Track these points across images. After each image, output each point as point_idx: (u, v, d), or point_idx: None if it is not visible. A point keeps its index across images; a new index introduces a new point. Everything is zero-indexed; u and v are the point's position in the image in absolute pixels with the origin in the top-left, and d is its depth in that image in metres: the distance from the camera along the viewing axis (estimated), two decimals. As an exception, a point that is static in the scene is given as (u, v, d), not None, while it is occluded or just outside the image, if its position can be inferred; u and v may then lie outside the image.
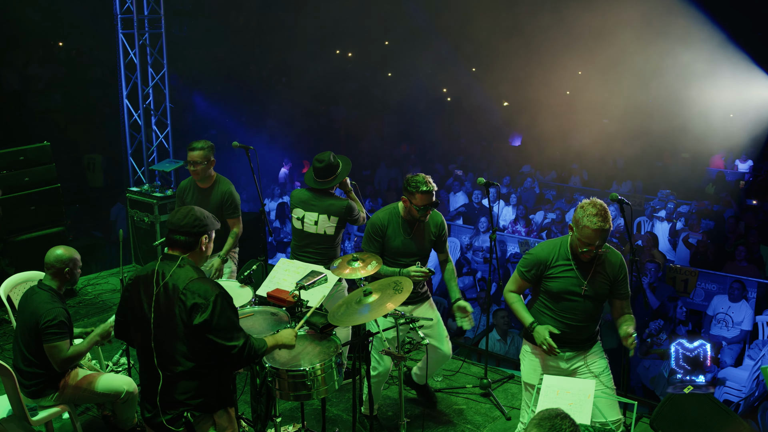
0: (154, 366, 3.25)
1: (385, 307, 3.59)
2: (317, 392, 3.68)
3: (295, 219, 5.49)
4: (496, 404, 5.34)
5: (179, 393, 3.24)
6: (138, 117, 8.95)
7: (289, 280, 4.43)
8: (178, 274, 3.24)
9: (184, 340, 3.19)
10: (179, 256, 3.31)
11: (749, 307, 8.36)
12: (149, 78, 8.86)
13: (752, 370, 7.55)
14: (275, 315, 4.25)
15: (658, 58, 15.11)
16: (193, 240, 3.33)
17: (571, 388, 3.50)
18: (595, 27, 14.37)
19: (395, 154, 17.06)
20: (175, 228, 3.32)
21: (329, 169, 5.35)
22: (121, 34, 8.75)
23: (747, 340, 8.25)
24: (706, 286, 9.17)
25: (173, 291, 3.20)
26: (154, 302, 3.24)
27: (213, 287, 3.22)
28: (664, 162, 15.19)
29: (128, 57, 8.78)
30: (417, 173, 4.64)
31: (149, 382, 3.32)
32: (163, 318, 3.22)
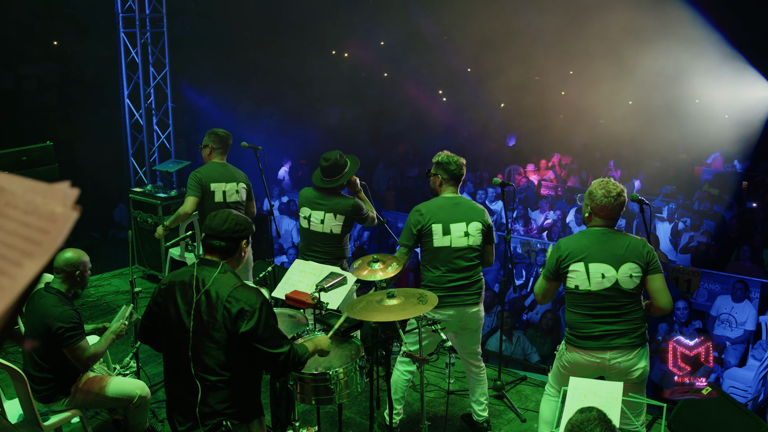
0: (191, 375, 3.13)
1: (405, 312, 3.53)
2: (339, 396, 3.63)
3: (302, 218, 5.44)
4: (510, 406, 5.30)
5: (216, 402, 3.14)
6: (140, 117, 8.88)
7: (306, 281, 4.37)
8: (220, 280, 3.13)
9: (225, 349, 3.10)
10: (219, 262, 3.20)
11: (752, 307, 8.37)
12: (151, 77, 8.79)
13: (758, 371, 7.55)
14: (293, 317, 4.19)
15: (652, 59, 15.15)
16: (233, 246, 3.22)
17: (599, 390, 3.46)
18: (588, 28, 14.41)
19: (393, 155, 17.04)
20: (215, 233, 3.20)
21: (336, 167, 5.30)
22: (123, 33, 8.68)
23: (750, 340, 8.26)
24: (709, 287, 9.17)
25: (216, 299, 3.09)
26: (194, 310, 3.12)
27: (258, 295, 3.13)
28: (662, 162, 15.22)
29: (129, 56, 8.71)
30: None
31: (183, 392, 3.19)
32: (204, 326, 3.11)
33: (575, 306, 3.99)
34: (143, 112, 8.85)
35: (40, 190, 1.02)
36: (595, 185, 3.96)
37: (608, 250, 3.89)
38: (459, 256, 4.56)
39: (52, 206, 1.00)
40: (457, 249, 4.54)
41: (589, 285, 3.89)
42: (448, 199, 4.65)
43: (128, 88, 8.89)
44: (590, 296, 3.92)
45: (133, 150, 9.07)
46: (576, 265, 3.91)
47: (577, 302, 3.97)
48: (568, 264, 3.93)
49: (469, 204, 4.71)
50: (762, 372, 7.45)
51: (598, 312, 3.92)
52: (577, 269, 3.90)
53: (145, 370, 5.57)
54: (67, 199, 1.01)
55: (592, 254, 3.89)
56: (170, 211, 7.78)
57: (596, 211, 3.94)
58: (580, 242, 3.97)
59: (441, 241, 4.54)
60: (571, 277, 3.94)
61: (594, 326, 3.93)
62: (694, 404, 4.56)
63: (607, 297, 3.89)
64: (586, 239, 3.96)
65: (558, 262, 3.96)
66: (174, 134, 9.02)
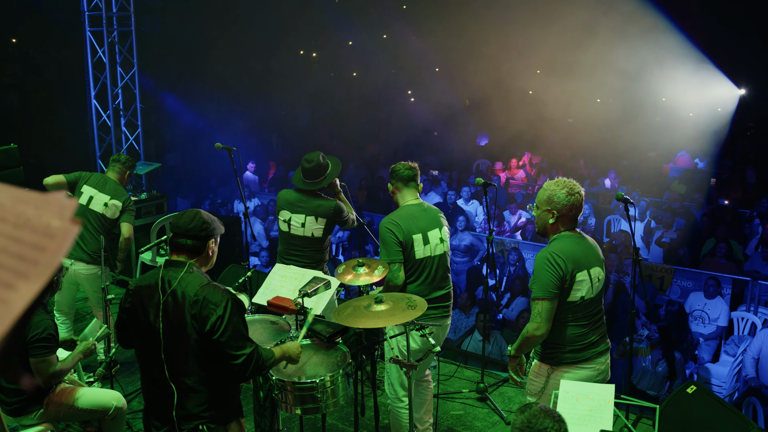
0: (165, 379, 3.06)
1: (394, 318, 3.43)
2: (325, 405, 3.53)
3: (282, 221, 5.30)
4: (494, 408, 5.25)
5: (194, 405, 3.06)
6: (107, 118, 8.63)
7: (287, 286, 4.26)
8: (187, 280, 3.05)
9: (197, 349, 3.02)
10: (186, 262, 3.12)
11: (725, 304, 8.45)
12: (118, 77, 8.56)
13: (732, 366, 7.62)
14: (275, 324, 4.07)
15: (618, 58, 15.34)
16: (200, 244, 3.14)
17: (590, 394, 3.41)
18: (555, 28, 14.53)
19: (364, 154, 16.94)
20: (182, 231, 3.13)
21: (318, 169, 5.18)
22: (89, 32, 8.43)
23: (723, 336, 8.34)
24: (682, 284, 9.25)
25: (183, 298, 3.01)
26: (162, 312, 3.04)
27: (225, 292, 3.05)
28: (630, 161, 15.36)
29: (96, 56, 8.46)
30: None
31: (159, 396, 3.12)
32: (174, 327, 3.03)
33: (576, 319, 3.62)
34: (111, 113, 8.61)
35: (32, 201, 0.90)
36: (552, 188, 3.61)
37: (592, 254, 3.67)
38: (438, 264, 4.35)
39: (47, 219, 0.88)
40: (436, 257, 4.33)
41: (592, 292, 3.63)
42: (416, 206, 4.40)
43: (95, 89, 8.64)
44: (590, 304, 3.65)
45: (101, 152, 8.82)
46: (581, 274, 3.56)
47: (578, 314, 3.62)
48: (575, 275, 3.54)
49: (433, 208, 4.51)
50: (736, 367, 7.53)
51: (594, 318, 3.70)
52: (583, 278, 3.57)
53: (118, 379, 5.40)
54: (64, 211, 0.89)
55: (588, 260, 3.62)
56: (140, 215, 7.58)
57: (564, 213, 3.60)
58: (575, 249, 3.59)
59: (423, 252, 4.29)
60: (578, 288, 3.57)
61: (591, 334, 3.68)
62: (680, 402, 4.53)
63: (598, 301, 3.71)
64: (574, 245, 3.61)
65: (564, 276, 3.51)
66: (143, 135, 8.79)
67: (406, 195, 4.45)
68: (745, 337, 8.04)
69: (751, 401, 6.92)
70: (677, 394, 4.59)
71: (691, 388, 4.57)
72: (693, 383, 4.64)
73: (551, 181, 3.69)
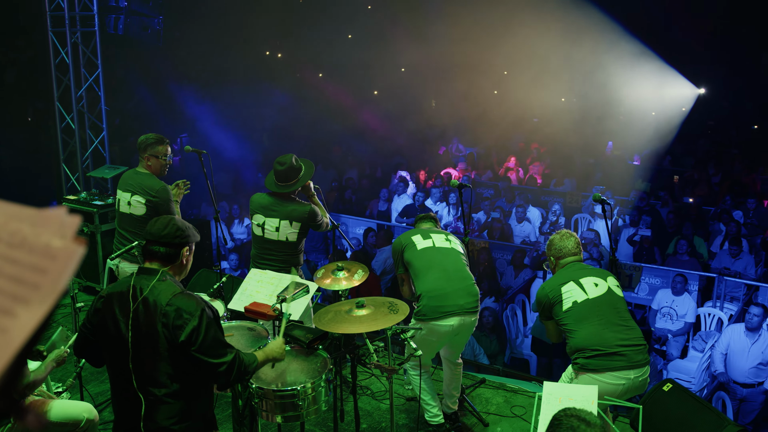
0: (133, 389, 2.97)
1: (377, 323, 3.39)
2: (307, 412, 3.47)
3: (255, 225, 5.23)
4: (472, 411, 5.23)
5: (164, 418, 2.96)
6: (71, 121, 8.42)
7: (263, 291, 4.18)
8: (159, 288, 2.97)
9: (168, 360, 2.93)
10: (159, 270, 3.03)
11: (692, 300, 8.58)
12: (82, 79, 8.35)
13: (701, 362, 7.74)
14: (252, 330, 4.00)
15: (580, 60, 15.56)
16: (174, 252, 3.07)
17: (574, 395, 3.41)
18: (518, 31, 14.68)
19: (331, 156, 16.87)
20: (155, 239, 3.05)
21: (291, 172, 5.11)
22: (51, 33, 8.21)
23: (690, 332, 8.47)
24: (650, 281, 9.38)
25: (155, 307, 2.93)
26: (132, 320, 2.95)
27: (199, 301, 2.98)
28: (596, 159, 15.55)
29: (59, 57, 8.25)
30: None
31: (127, 408, 3.02)
32: (144, 337, 2.94)
33: (581, 320, 3.90)
34: (75, 116, 8.40)
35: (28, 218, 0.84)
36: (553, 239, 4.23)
37: (589, 271, 4.07)
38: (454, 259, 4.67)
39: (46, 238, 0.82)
40: (444, 250, 4.65)
41: (587, 294, 3.90)
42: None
43: (58, 91, 8.43)
44: (593, 304, 3.91)
45: (65, 155, 8.60)
46: (566, 286, 3.96)
47: (581, 315, 3.90)
48: (559, 290, 3.97)
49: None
50: (705, 363, 7.65)
51: (606, 318, 3.88)
52: (570, 288, 3.94)
53: (87, 389, 5.26)
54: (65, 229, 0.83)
55: (578, 274, 4.02)
56: (107, 219, 7.41)
57: (558, 256, 4.18)
58: (561, 275, 4.08)
59: (423, 244, 4.62)
60: (567, 298, 3.94)
61: (608, 335, 3.83)
62: (656, 401, 4.57)
63: (608, 302, 3.91)
64: (564, 271, 4.10)
65: (548, 299, 4.01)
66: (108, 138, 8.59)
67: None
68: (712, 333, 8.17)
69: (720, 396, 7.04)
70: (654, 393, 4.62)
71: (667, 386, 4.61)
72: (669, 381, 4.68)
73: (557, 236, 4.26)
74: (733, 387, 6.98)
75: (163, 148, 5.49)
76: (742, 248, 9.53)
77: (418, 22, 17.74)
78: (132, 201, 5.43)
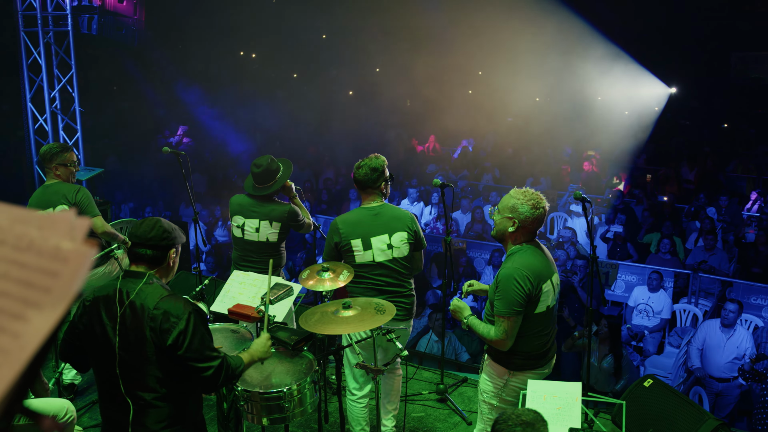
0: (121, 394, 2.92)
1: (363, 324, 3.37)
2: (293, 414, 3.45)
3: (235, 227, 5.19)
4: (455, 409, 5.24)
5: (153, 422, 2.92)
6: (44, 122, 8.29)
7: (246, 293, 4.15)
8: (146, 291, 2.92)
9: (157, 364, 2.89)
10: (145, 273, 2.99)
11: (668, 297, 8.69)
12: (55, 80, 8.22)
13: (677, 357, 7.84)
14: (236, 332, 3.96)
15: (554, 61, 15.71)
16: (161, 254, 3.01)
17: (558, 392, 3.43)
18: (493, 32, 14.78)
19: (307, 156, 16.82)
20: (141, 241, 2.99)
21: (268, 173, 5.07)
22: (23, 33, 8.08)
23: (666, 328, 8.58)
24: (626, 278, 9.48)
25: (142, 310, 2.88)
26: (119, 324, 2.90)
27: (186, 304, 2.93)
28: (570, 158, 15.68)
29: (31, 57, 8.11)
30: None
31: (115, 413, 2.98)
32: (131, 341, 2.89)
33: (541, 329, 3.63)
34: (48, 117, 8.26)
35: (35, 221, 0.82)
36: (518, 198, 3.58)
37: (549, 262, 3.66)
38: (384, 270, 4.26)
39: (55, 241, 0.80)
40: (380, 264, 4.25)
41: (554, 300, 3.64)
42: (367, 210, 4.31)
43: (31, 91, 8.29)
44: (553, 310, 3.69)
45: (38, 158, 8.46)
46: (546, 285, 3.55)
47: (543, 323, 3.62)
48: (541, 287, 3.53)
49: (392, 213, 4.32)
50: (681, 358, 7.75)
51: (553, 324, 3.73)
52: (548, 288, 3.56)
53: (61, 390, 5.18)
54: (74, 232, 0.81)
55: (548, 270, 3.61)
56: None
57: (525, 225, 3.55)
58: (537, 262, 3.56)
59: (363, 258, 4.24)
60: (544, 300, 3.56)
61: (549, 341, 3.71)
62: (637, 396, 4.62)
63: (556, 306, 3.73)
64: (535, 258, 3.57)
65: (530, 293, 3.48)
66: (83, 140, 8.47)
67: (366, 198, 4.38)
68: (688, 329, 8.29)
69: (697, 390, 7.14)
70: (635, 388, 4.68)
71: (648, 382, 4.67)
72: (650, 377, 4.74)
73: (519, 190, 3.66)
74: (709, 381, 7.08)
75: (69, 155, 5.45)
76: (717, 240, 9.68)
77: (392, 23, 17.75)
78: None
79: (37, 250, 0.78)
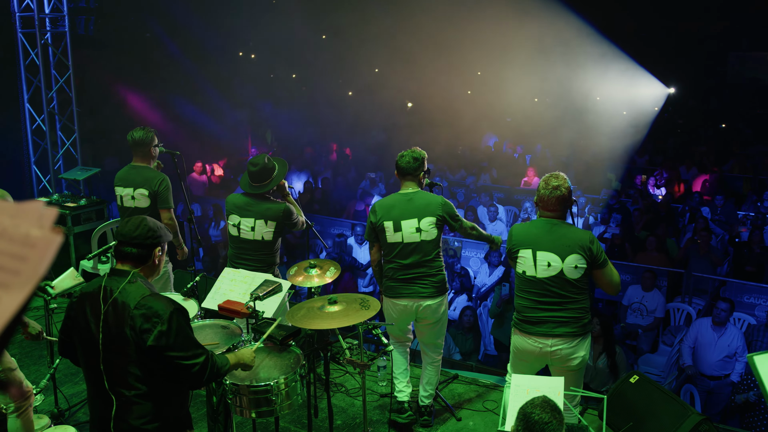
0: (105, 390, 2.99)
1: (348, 319, 3.45)
2: (280, 407, 3.52)
3: (231, 225, 5.28)
4: (445, 405, 5.30)
5: (134, 418, 2.98)
6: (42, 123, 8.37)
7: (237, 290, 4.23)
8: (128, 290, 2.98)
9: (136, 363, 2.95)
10: (130, 271, 3.05)
11: (661, 296, 8.73)
12: (53, 80, 8.30)
13: (670, 355, 7.90)
14: (226, 328, 4.03)
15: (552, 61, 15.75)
16: (145, 252, 3.07)
17: (541, 386, 3.50)
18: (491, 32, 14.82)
19: (305, 156, 16.88)
20: (127, 239, 3.05)
21: (264, 172, 5.18)
22: (21, 34, 8.16)
23: (660, 327, 8.63)
24: (621, 277, 9.51)
25: (123, 309, 2.94)
26: (102, 322, 2.96)
27: (167, 303, 2.98)
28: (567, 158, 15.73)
29: (29, 58, 8.19)
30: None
31: (101, 408, 3.04)
32: (113, 338, 2.95)
33: (522, 291, 4.21)
34: (45, 117, 8.35)
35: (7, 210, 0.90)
36: (544, 176, 4.21)
37: (555, 240, 4.07)
38: (412, 250, 4.64)
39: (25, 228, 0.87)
40: (409, 244, 4.63)
41: (536, 272, 4.10)
42: (402, 196, 4.74)
43: (28, 92, 8.37)
44: (536, 282, 4.12)
45: (36, 157, 8.54)
46: (524, 251, 4.13)
47: (524, 287, 4.20)
48: (518, 249, 4.16)
49: (424, 199, 4.72)
50: (674, 356, 7.81)
51: (543, 299, 4.13)
52: (525, 255, 4.12)
53: (61, 390, 5.26)
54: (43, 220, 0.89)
55: (539, 243, 4.09)
56: (80, 221, 7.38)
57: (538, 202, 4.18)
58: (530, 231, 4.19)
59: (393, 238, 4.65)
60: (520, 263, 4.17)
61: (537, 311, 4.14)
62: (623, 392, 4.68)
63: (552, 284, 4.07)
64: (535, 228, 4.18)
65: (509, 248, 4.23)
66: (80, 140, 8.54)
67: (403, 184, 4.82)
68: (682, 328, 8.34)
69: (689, 388, 7.20)
70: (620, 384, 4.74)
71: (634, 378, 4.73)
72: (635, 373, 4.80)
73: (552, 173, 4.24)
74: (701, 379, 7.14)
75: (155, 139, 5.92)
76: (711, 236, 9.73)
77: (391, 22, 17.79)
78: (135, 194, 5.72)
79: (9, 237, 0.85)
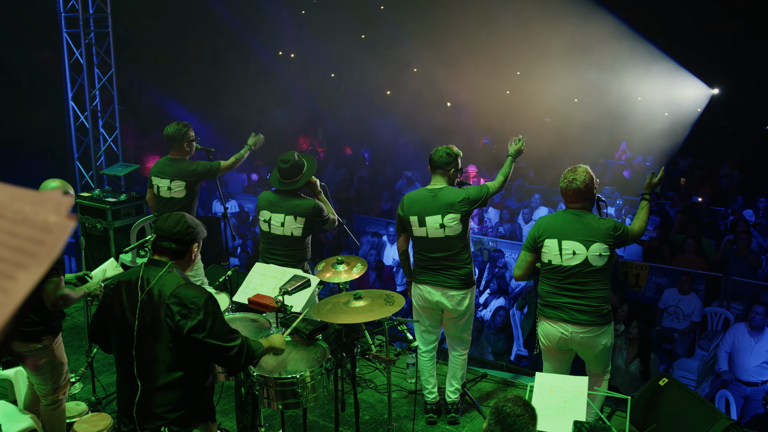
0: (133, 376, 3.10)
1: (372, 314, 3.51)
2: (306, 400, 3.59)
3: (262, 221, 5.38)
4: (473, 403, 5.33)
5: (157, 405, 3.08)
6: (85, 120, 8.61)
7: (267, 284, 4.31)
8: (164, 279, 3.09)
9: (168, 350, 3.05)
10: (167, 262, 3.16)
11: (698, 299, 8.59)
12: (96, 79, 8.53)
13: (703, 360, 7.78)
14: (256, 321, 4.12)
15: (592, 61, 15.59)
16: (184, 248, 3.19)
17: (564, 386, 3.51)
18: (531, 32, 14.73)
19: (342, 156, 16.98)
20: (166, 235, 3.16)
21: (294, 169, 5.25)
22: (66, 34, 8.40)
23: (697, 331, 8.49)
24: (657, 280, 9.40)
25: (159, 297, 3.05)
26: (139, 309, 3.08)
27: (202, 292, 3.10)
28: (607, 159, 15.55)
29: (73, 57, 8.43)
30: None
31: (127, 393, 3.16)
32: (148, 325, 3.07)
33: (546, 278, 4.37)
34: (89, 115, 8.58)
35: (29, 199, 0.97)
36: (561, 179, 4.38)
37: (580, 230, 4.23)
38: (437, 245, 4.73)
39: (44, 215, 0.95)
40: (434, 239, 4.72)
41: (561, 260, 4.25)
42: (427, 191, 4.79)
43: (72, 90, 8.61)
44: (560, 270, 4.27)
45: (79, 154, 8.79)
46: (550, 241, 4.28)
47: (548, 275, 4.36)
48: (544, 239, 4.31)
49: (448, 196, 4.73)
50: (709, 361, 7.69)
51: (565, 285, 4.28)
52: (550, 245, 4.28)
53: (99, 379, 5.41)
54: (60, 208, 0.96)
55: (565, 232, 4.24)
56: (120, 216, 7.57)
57: (562, 194, 4.39)
58: (555, 221, 4.36)
59: (419, 232, 4.75)
60: (545, 252, 4.32)
61: (560, 297, 4.30)
62: (651, 395, 4.65)
63: (576, 273, 4.21)
64: (560, 218, 4.35)
65: (535, 237, 4.37)
66: (121, 137, 8.77)
67: (433, 179, 4.86)
68: (719, 332, 8.19)
69: (724, 394, 7.08)
70: (649, 387, 4.71)
71: (663, 381, 4.70)
72: (665, 376, 4.76)
73: (576, 165, 4.46)
74: (736, 385, 7.01)
75: (191, 133, 6.13)
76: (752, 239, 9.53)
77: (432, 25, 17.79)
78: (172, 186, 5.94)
79: (30, 223, 0.92)
